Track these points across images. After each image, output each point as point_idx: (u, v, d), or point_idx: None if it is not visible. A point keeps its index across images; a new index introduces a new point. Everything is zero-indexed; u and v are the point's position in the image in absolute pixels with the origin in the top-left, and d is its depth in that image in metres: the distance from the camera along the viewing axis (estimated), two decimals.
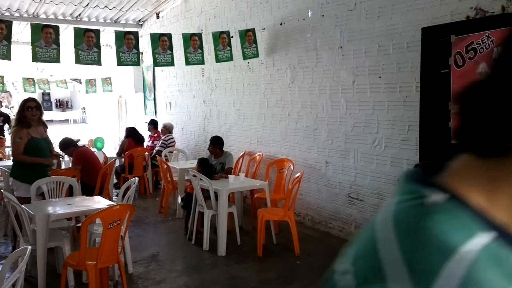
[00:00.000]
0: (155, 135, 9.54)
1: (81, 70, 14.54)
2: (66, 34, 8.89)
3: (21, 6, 9.20)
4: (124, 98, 13.89)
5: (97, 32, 5.97)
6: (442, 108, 3.47)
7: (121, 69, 11.22)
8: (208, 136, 7.15)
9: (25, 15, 9.56)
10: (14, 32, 9.41)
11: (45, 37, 5.53)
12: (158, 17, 10.57)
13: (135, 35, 6.37)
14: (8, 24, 5.43)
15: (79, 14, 10.00)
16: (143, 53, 11.16)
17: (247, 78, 7.62)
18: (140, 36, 6.95)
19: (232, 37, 7.13)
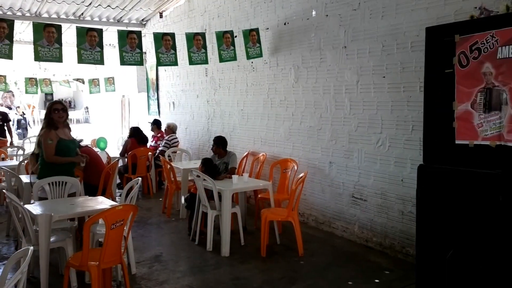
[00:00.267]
0: (159, 135, 9.54)
1: (84, 70, 14.58)
2: (69, 34, 8.91)
3: (24, 5, 9.22)
4: (127, 98, 13.90)
5: (100, 32, 5.95)
6: (446, 108, 3.44)
7: (124, 69, 11.25)
8: (212, 136, 7.14)
9: (27, 14, 9.58)
10: (16, 31, 9.45)
11: (47, 36, 5.52)
12: (162, 17, 10.58)
13: (138, 35, 6.35)
14: (10, 23, 5.41)
15: (82, 13, 10.02)
16: (147, 53, 11.18)
17: (251, 78, 7.60)
18: (143, 36, 6.93)
19: (236, 37, 7.11)
